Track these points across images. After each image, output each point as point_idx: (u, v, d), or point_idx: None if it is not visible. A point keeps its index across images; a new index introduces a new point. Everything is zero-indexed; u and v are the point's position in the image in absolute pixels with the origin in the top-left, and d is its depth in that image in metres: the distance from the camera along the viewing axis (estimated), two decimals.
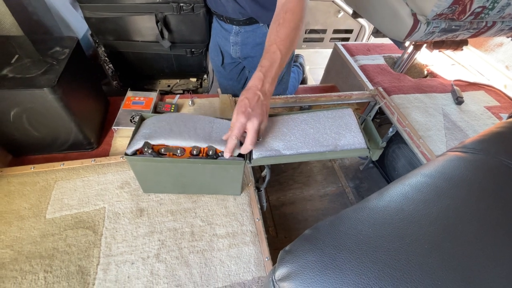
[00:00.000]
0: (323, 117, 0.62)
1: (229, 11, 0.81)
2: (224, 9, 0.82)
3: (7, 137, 0.65)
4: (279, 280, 0.23)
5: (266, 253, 0.58)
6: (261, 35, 0.87)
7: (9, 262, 0.52)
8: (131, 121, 0.78)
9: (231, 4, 0.79)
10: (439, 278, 0.19)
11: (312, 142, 0.57)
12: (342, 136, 0.57)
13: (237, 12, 0.81)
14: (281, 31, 0.55)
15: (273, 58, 0.53)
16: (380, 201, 0.26)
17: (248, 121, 0.49)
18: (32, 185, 0.63)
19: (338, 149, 0.55)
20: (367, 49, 1.34)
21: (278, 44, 0.54)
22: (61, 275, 0.51)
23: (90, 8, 0.81)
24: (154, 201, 0.63)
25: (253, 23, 0.84)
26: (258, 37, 0.87)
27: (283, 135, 0.58)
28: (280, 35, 0.54)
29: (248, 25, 0.85)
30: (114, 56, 0.98)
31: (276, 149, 0.56)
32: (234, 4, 0.78)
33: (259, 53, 0.91)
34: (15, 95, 0.56)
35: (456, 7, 0.74)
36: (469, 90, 1.13)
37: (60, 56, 0.64)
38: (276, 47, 0.54)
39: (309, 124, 0.60)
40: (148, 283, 0.52)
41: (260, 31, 0.86)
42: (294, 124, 0.60)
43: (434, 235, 0.22)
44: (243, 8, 0.79)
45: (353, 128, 0.59)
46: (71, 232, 0.57)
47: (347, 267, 0.21)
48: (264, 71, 0.52)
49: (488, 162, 0.29)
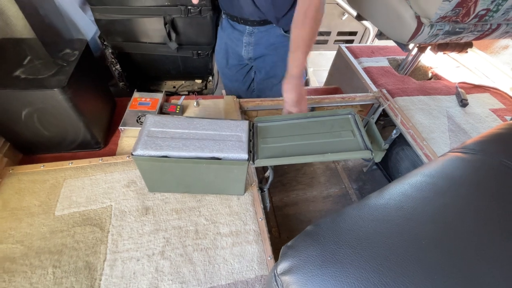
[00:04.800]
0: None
1: (246, 13, 0.83)
2: (241, 11, 0.84)
3: (18, 136, 0.67)
4: (281, 274, 0.24)
5: (269, 252, 0.58)
6: (274, 35, 0.88)
7: (20, 257, 0.53)
8: (138, 122, 0.80)
9: (251, 8, 0.81)
10: (436, 273, 0.20)
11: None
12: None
13: (255, 15, 0.83)
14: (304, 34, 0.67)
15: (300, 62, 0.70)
16: (380, 199, 0.26)
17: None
18: (42, 183, 0.65)
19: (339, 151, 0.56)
20: (371, 51, 1.34)
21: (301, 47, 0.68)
22: (69, 270, 0.52)
23: (101, 10, 0.83)
24: (159, 199, 0.64)
25: (267, 23, 0.86)
26: (271, 37, 0.89)
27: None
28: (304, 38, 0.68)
29: (262, 26, 0.86)
30: (122, 57, 1.00)
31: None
32: (254, 8, 0.81)
33: (271, 53, 0.93)
34: (27, 95, 0.58)
35: (460, 10, 0.74)
36: (474, 92, 1.13)
37: (70, 58, 0.66)
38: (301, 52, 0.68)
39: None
40: (153, 280, 0.53)
41: (274, 31, 0.88)
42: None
43: (432, 232, 0.23)
44: (262, 12, 0.81)
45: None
46: (79, 229, 0.58)
47: (347, 261, 0.22)
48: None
49: (488, 162, 0.30)
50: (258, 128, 0.66)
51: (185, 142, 0.55)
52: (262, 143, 0.62)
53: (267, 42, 0.90)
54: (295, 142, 0.61)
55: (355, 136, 0.60)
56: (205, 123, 0.59)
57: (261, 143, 0.62)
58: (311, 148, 0.59)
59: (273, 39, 0.89)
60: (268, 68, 0.98)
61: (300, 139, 0.61)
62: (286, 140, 0.62)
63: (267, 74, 1.00)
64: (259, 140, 0.63)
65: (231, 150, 0.55)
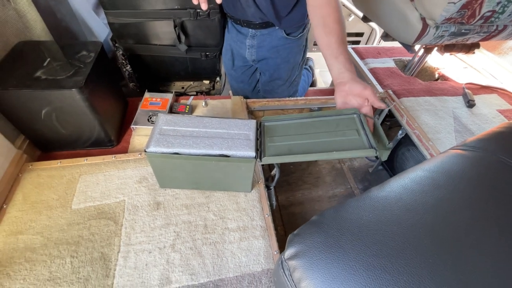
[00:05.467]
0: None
1: (248, 15, 0.85)
2: (244, 14, 0.86)
3: (37, 134, 0.70)
4: (287, 259, 0.26)
5: (275, 247, 0.60)
6: (277, 38, 0.90)
7: (40, 247, 0.56)
8: (149, 121, 0.83)
9: (253, 9, 0.83)
10: (431, 257, 0.21)
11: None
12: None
13: (257, 17, 0.85)
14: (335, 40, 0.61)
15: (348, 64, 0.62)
16: (381, 192, 0.28)
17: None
18: (59, 178, 0.68)
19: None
20: (378, 52, 1.35)
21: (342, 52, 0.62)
22: (85, 260, 0.55)
23: (114, 14, 0.86)
24: (170, 195, 0.67)
25: (269, 26, 0.88)
26: (274, 40, 0.91)
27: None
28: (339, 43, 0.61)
29: (264, 28, 0.88)
30: (133, 58, 1.03)
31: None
32: (256, 10, 0.82)
33: (273, 56, 0.95)
34: (47, 95, 0.62)
35: (465, 12, 0.75)
36: (481, 93, 1.13)
37: (86, 60, 0.69)
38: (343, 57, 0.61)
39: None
40: (165, 271, 0.55)
41: (276, 34, 0.90)
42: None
43: (430, 222, 0.24)
44: (264, 14, 0.83)
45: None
46: (94, 222, 0.61)
47: (349, 246, 0.23)
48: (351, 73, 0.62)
49: (486, 159, 0.31)
50: (265, 127, 0.68)
51: (195, 140, 0.57)
52: (269, 142, 0.64)
53: (270, 44, 0.92)
54: (301, 140, 0.63)
55: (360, 135, 0.62)
56: (214, 122, 0.61)
57: (268, 141, 0.64)
58: (316, 147, 0.61)
59: (275, 42, 0.91)
60: (272, 71, 1.00)
61: (306, 138, 0.63)
62: (293, 138, 0.63)
63: (271, 76, 1.02)
64: (266, 139, 0.65)
65: (239, 148, 0.57)
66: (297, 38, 0.92)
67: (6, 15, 0.71)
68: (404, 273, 0.21)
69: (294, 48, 0.95)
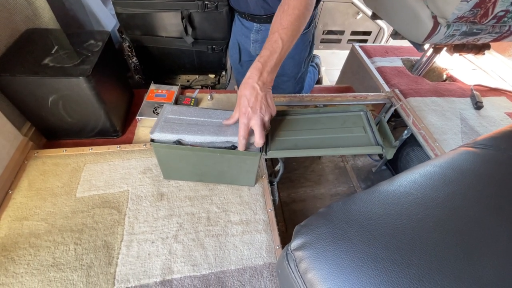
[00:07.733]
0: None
1: (251, 7, 0.84)
2: (247, 6, 0.85)
3: (43, 121, 0.71)
4: (294, 250, 0.26)
5: (277, 241, 0.60)
6: None
7: (44, 233, 0.57)
8: (154, 112, 0.83)
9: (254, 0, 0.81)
10: (441, 251, 0.21)
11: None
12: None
13: (259, 7, 0.83)
14: (285, 18, 0.53)
15: (273, 47, 0.52)
16: (390, 186, 0.28)
17: (250, 121, 0.51)
18: (64, 166, 0.68)
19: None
20: (385, 51, 1.33)
21: (280, 32, 0.52)
22: (89, 248, 0.56)
23: (122, 4, 0.86)
24: (173, 187, 0.67)
25: None
26: None
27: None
28: (283, 23, 0.53)
29: (269, 23, 0.87)
30: (139, 50, 1.03)
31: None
32: None
33: None
34: (55, 82, 0.62)
35: (478, 10, 0.73)
36: (489, 95, 1.11)
37: (94, 49, 0.69)
38: (278, 35, 0.52)
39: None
40: (167, 261, 0.55)
41: None
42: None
43: (440, 216, 0.24)
44: (266, 2, 0.81)
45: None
46: (98, 210, 0.61)
47: (357, 238, 0.23)
48: (263, 60, 0.52)
49: (497, 156, 0.31)
50: (271, 121, 0.67)
51: (200, 127, 0.56)
52: (274, 136, 0.64)
53: None
54: (307, 136, 0.62)
55: (367, 133, 0.61)
56: (220, 113, 0.61)
57: (274, 136, 0.64)
58: (322, 142, 0.60)
59: None
60: None
61: (312, 134, 0.62)
62: (298, 134, 0.63)
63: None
64: (272, 133, 0.64)
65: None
66: (303, 33, 0.91)
67: (16, 2, 0.71)
68: (413, 266, 0.21)
69: (300, 44, 0.94)
